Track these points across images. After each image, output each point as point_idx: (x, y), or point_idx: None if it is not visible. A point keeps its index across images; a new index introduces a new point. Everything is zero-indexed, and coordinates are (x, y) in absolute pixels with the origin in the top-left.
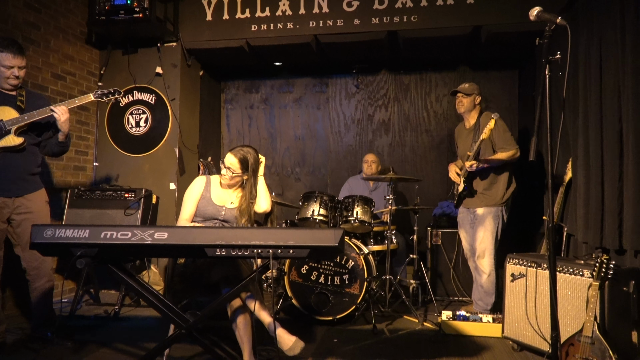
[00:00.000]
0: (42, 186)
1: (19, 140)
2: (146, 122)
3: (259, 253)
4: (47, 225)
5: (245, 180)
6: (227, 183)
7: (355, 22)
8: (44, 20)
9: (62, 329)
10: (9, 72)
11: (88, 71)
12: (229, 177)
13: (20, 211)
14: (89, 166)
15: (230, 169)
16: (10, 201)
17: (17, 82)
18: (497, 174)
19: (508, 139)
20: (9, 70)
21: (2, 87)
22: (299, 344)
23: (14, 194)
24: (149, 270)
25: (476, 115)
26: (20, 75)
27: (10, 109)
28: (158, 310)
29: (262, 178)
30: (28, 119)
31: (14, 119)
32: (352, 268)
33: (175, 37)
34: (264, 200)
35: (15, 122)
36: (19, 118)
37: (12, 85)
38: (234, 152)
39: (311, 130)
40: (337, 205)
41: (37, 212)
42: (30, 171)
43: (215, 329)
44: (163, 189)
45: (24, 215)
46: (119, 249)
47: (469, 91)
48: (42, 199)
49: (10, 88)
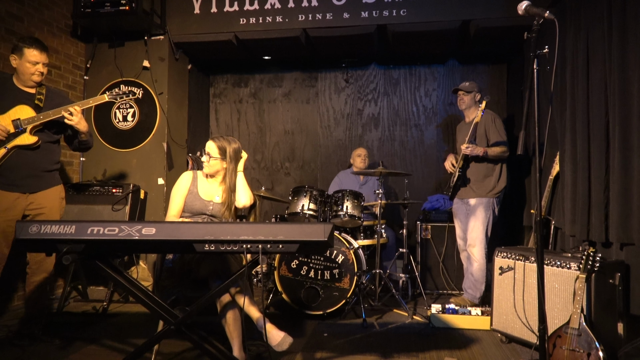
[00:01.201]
0: (59, 182)
1: (33, 139)
2: (133, 117)
3: (248, 248)
4: (33, 221)
5: (225, 170)
6: (208, 171)
7: (345, 16)
8: (28, 12)
9: (50, 325)
10: (34, 69)
11: (74, 64)
12: (207, 161)
13: (33, 207)
14: (75, 161)
15: (209, 154)
16: (25, 197)
17: (40, 78)
18: (491, 167)
19: (502, 135)
20: (34, 67)
21: (25, 84)
22: (288, 339)
23: (27, 190)
24: (138, 266)
25: (475, 111)
26: (44, 72)
27: (28, 108)
28: (146, 306)
29: (242, 173)
30: (43, 119)
31: (29, 119)
32: (342, 262)
33: (162, 30)
34: (243, 195)
35: (30, 122)
36: (34, 117)
37: (35, 82)
38: (213, 138)
39: (300, 125)
40: (327, 199)
41: (50, 209)
42: (45, 168)
43: (204, 324)
44: (151, 184)
45: (36, 211)
46: (106, 245)
47: (470, 89)
48: (57, 196)
49: (33, 85)
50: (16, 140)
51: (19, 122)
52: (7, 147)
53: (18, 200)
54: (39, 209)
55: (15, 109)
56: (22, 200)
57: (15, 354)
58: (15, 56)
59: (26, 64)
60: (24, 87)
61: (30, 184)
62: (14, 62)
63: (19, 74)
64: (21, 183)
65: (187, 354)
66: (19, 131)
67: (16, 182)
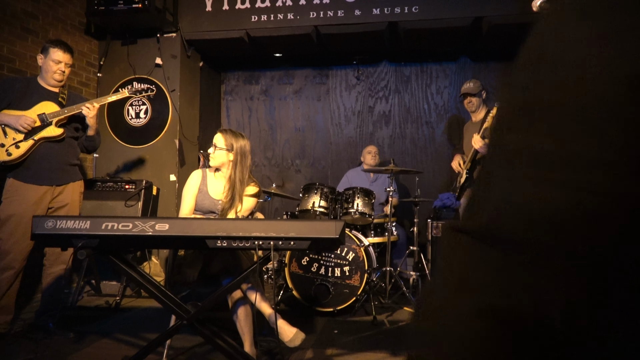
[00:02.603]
0: (80, 177)
1: (59, 131)
2: (146, 114)
3: (259, 244)
4: (48, 217)
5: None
6: (213, 164)
7: (356, 13)
8: (42, 10)
9: (64, 319)
10: (57, 67)
11: (87, 62)
12: (212, 152)
13: (58, 200)
14: (89, 157)
15: (215, 145)
16: (52, 189)
17: (61, 77)
18: None
19: None
20: (57, 65)
21: (48, 82)
22: (300, 335)
23: (55, 182)
24: (150, 261)
25: (484, 110)
26: (66, 72)
27: (52, 104)
28: (159, 301)
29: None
30: (68, 112)
31: (55, 112)
32: (352, 260)
33: (174, 28)
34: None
35: (56, 115)
36: (59, 111)
37: (56, 80)
38: (222, 130)
39: (311, 122)
40: (338, 197)
41: (72, 203)
42: (69, 162)
43: (216, 319)
44: (163, 181)
45: (60, 204)
46: (120, 240)
47: (476, 90)
48: (78, 190)
49: (55, 84)
50: (43, 132)
51: (45, 116)
52: (34, 139)
53: (46, 193)
54: (62, 202)
55: (40, 105)
56: (50, 193)
57: (29, 347)
58: (42, 55)
59: (50, 62)
60: (48, 86)
61: (58, 177)
62: (40, 61)
63: (43, 72)
64: (48, 176)
65: (199, 349)
66: (45, 124)
67: (43, 174)
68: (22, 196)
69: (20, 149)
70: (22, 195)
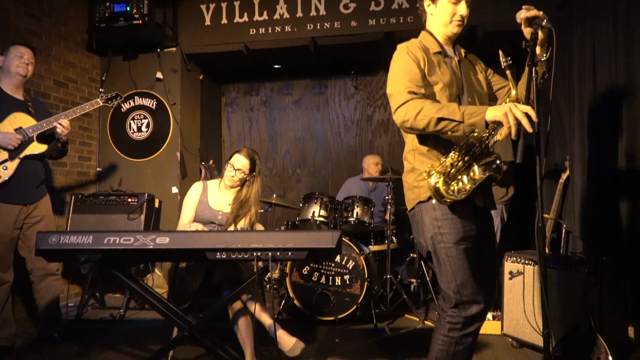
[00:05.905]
0: (47, 192)
1: (43, 147)
2: (148, 127)
3: (258, 256)
4: (52, 232)
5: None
6: (232, 184)
7: (352, 24)
8: (45, 28)
9: (69, 332)
10: (19, 61)
11: (89, 77)
12: (238, 180)
13: (33, 215)
14: (92, 172)
15: (241, 170)
16: (26, 208)
17: (25, 71)
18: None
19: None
20: (20, 59)
21: (12, 82)
22: (299, 345)
23: (29, 200)
24: (153, 273)
25: None
26: (29, 68)
27: (25, 115)
28: (161, 313)
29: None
30: (47, 126)
31: (34, 126)
32: (352, 268)
33: (174, 42)
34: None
35: (36, 129)
36: (36, 125)
37: (20, 75)
38: (242, 153)
39: (311, 132)
40: (337, 206)
41: (46, 217)
42: (41, 178)
43: (217, 330)
44: (165, 193)
45: (35, 219)
46: (122, 254)
47: None
48: (49, 204)
49: (19, 80)
50: (27, 149)
51: (23, 131)
52: (20, 157)
53: (21, 211)
54: (37, 217)
55: (11, 118)
56: (24, 211)
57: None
58: (2, 57)
59: (12, 58)
60: (13, 91)
61: (33, 194)
62: (0, 63)
63: (5, 74)
64: (24, 194)
65: None
66: (27, 140)
67: (20, 193)
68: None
69: (9, 170)
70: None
